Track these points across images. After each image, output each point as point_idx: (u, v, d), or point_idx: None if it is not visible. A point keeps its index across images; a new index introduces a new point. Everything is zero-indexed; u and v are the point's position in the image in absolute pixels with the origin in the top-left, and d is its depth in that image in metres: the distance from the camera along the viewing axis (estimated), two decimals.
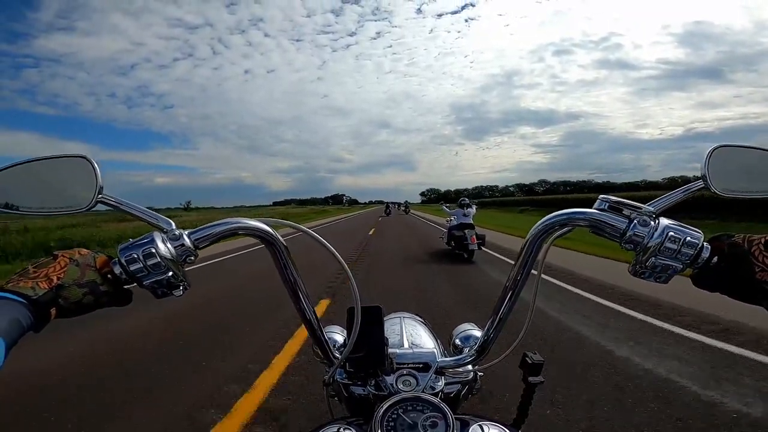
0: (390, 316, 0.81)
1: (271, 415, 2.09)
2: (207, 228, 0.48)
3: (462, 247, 7.59)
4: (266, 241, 0.50)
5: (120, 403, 2.25)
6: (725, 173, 0.46)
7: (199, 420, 2.06)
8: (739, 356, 2.74)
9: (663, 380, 2.40)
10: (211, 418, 2.07)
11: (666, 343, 3.06)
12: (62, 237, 11.16)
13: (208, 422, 2.03)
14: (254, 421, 2.04)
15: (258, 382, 2.47)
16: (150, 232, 0.45)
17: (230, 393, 2.33)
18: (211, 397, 2.27)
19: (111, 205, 0.46)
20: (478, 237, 7.49)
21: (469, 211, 8.10)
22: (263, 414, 2.11)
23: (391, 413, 0.48)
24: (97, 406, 2.22)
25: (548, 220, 0.48)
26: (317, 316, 0.58)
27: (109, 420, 2.09)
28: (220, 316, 4.04)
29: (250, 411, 2.13)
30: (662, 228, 0.43)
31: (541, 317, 3.66)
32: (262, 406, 2.19)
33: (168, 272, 0.44)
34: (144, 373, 2.66)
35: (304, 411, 2.13)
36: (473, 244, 7.39)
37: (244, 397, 2.27)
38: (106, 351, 3.09)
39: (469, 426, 0.48)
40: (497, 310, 0.56)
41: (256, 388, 2.39)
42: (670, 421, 1.98)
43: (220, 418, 2.07)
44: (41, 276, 0.40)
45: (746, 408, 2.06)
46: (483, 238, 7.65)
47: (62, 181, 0.47)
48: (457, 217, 8.13)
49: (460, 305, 4.30)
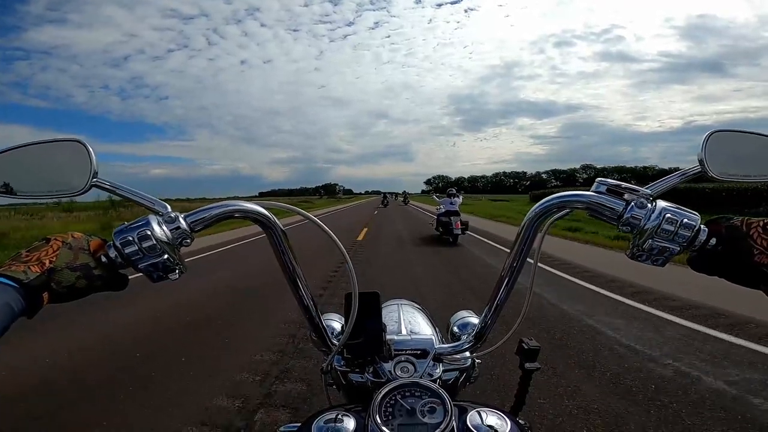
0: (388, 303, 0.81)
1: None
2: (203, 210, 0.47)
3: (448, 231, 8.59)
4: (264, 225, 0.50)
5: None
6: (722, 157, 0.46)
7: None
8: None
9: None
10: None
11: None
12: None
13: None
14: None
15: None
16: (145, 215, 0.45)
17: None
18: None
19: (106, 188, 0.46)
20: (462, 223, 8.51)
21: (455, 200, 9.05)
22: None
23: (390, 399, 0.49)
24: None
25: (545, 204, 0.48)
26: (315, 303, 0.57)
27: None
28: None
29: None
30: (659, 210, 0.43)
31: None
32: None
33: (164, 255, 0.43)
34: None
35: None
36: (457, 229, 8.40)
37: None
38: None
39: (467, 412, 0.48)
40: (494, 297, 0.56)
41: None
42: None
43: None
44: (33, 260, 0.39)
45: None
46: (466, 224, 8.69)
47: (57, 165, 0.46)
48: (445, 206, 9.01)
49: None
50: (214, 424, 2.01)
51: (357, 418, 0.49)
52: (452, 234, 8.51)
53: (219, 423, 2.02)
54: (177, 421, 2.04)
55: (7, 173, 0.45)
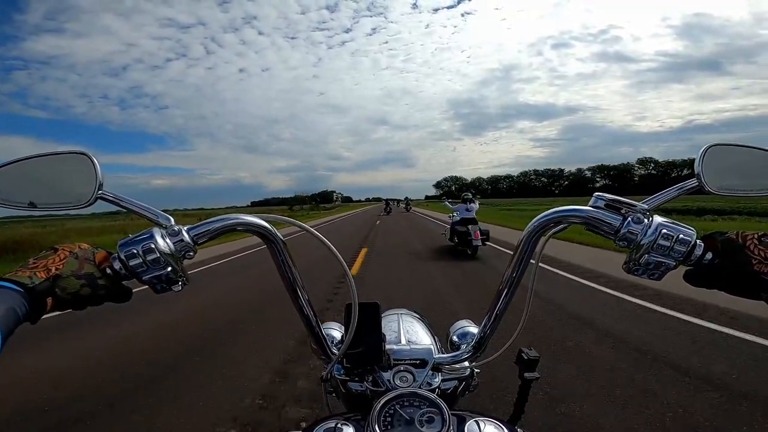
0: (387, 313, 0.81)
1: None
2: (205, 224, 0.48)
3: (465, 242, 7.40)
4: (265, 238, 0.50)
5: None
6: (719, 171, 0.46)
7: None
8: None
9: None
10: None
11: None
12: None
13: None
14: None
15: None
16: (149, 228, 0.45)
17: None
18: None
19: (111, 201, 0.46)
20: (481, 232, 7.31)
21: (472, 206, 7.92)
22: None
23: (388, 409, 0.49)
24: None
25: (543, 218, 0.48)
26: (315, 313, 0.58)
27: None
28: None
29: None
30: (655, 225, 0.43)
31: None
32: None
33: (167, 267, 0.44)
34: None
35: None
36: (477, 240, 7.20)
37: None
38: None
39: (466, 422, 0.48)
40: (493, 307, 0.56)
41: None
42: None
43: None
44: (40, 267, 0.40)
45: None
46: (487, 234, 7.44)
47: (63, 178, 0.47)
48: (460, 213, 7.94)
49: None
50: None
51: (356, 427, 0.49)
52: (471, 245, 7.34)
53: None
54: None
55: (13, 185, 0.46)
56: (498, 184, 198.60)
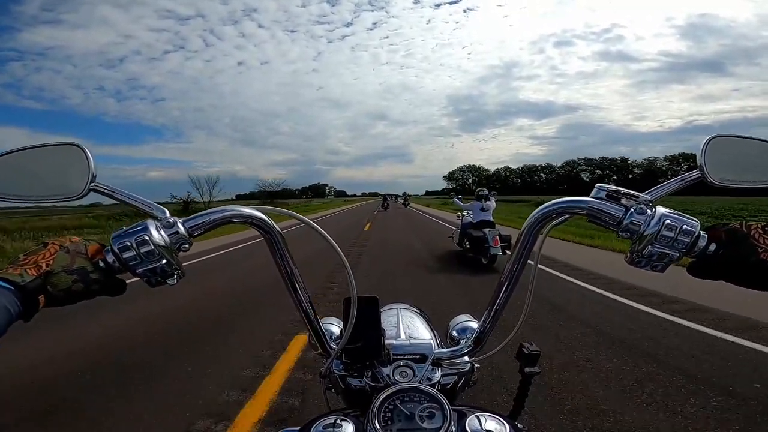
0: (387, 307, 0.80)
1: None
2: (201, 216, 0.47)
3: (480, 250, 5.88)
4: (262, 230, 0.49)
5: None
6: (721, 163, 0.45)
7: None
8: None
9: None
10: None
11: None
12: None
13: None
14: None
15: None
16: (143, 220, 0.44)
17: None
18: None
19: (104, 193, 0.45)
20: (502, 238, 5.77)
21: (488, 204, 6.36)
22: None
23: (388, 404, 0.48)
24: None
25: (545, 209, 0.48)
26: (314, 307, 0.57)
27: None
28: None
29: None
30: (659, 216, 0.43)
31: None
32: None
33: (162, 260, 0.43)
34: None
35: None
36: (496, 247, 5.70)
37: None
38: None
39: (466, 417, 0.47)
40: (493, 302, 0.56)
41: None
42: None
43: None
44: (30, 263, 0.39)
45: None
46: (508, 240, 5.82)
47: (55, 169, 0.46)
48: (474, 212, 6.47)
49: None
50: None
51: (356, 422, 0.48)
52: (487, 254, 5.77)
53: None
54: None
55: (5, 176, 0.45)
56: (507, 180, 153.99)
